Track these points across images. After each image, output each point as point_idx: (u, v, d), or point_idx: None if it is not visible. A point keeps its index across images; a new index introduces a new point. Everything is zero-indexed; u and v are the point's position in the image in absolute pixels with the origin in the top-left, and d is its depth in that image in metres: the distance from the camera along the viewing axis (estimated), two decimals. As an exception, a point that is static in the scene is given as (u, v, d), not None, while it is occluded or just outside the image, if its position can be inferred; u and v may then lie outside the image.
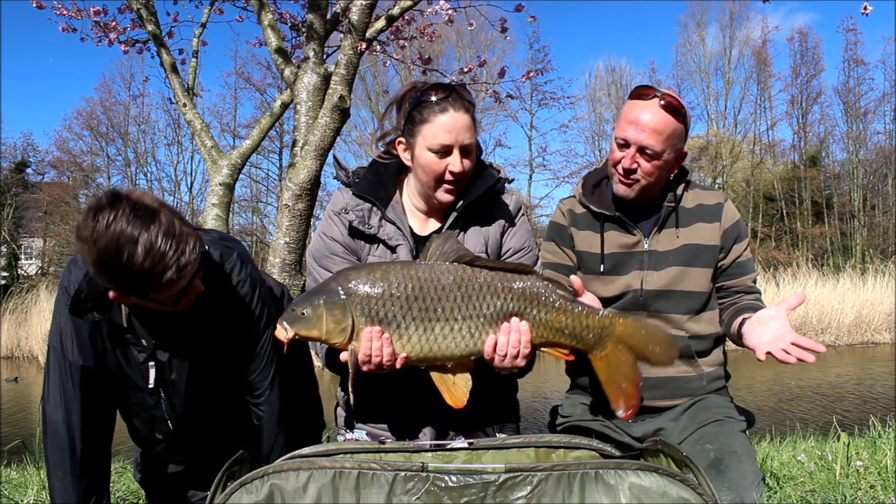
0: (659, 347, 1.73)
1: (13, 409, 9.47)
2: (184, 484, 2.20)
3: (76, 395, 1.88)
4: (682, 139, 2.19)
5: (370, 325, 1.63)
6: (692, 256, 2.22)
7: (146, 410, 1.99)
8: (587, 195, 2.32)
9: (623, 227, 2.26)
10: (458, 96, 1.90)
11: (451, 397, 1.67)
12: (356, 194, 2.00)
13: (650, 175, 2.15)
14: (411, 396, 1.91)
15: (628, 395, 1.74)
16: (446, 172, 1.88)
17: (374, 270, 1.66)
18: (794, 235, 29.87)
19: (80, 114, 29.83)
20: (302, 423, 2.22)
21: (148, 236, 1.59)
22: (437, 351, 1.65)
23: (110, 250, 1.58)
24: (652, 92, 2.14)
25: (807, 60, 31.53)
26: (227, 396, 2.02)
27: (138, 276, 1.61)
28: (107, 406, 1.97)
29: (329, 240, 1.98)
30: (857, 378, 10.62)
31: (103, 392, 1.93)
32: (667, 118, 2.11)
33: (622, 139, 2.15)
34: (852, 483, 2.70)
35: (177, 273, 1.63)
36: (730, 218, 2.26)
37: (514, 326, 1.68)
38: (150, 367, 1.91)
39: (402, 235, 1.96)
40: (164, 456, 2.15)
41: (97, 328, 1.87)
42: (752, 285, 2.30)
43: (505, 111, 28.57)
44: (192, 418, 2.01)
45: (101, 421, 1.95)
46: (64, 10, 5.02)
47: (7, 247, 26.94)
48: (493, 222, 2.04)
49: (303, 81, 4.10)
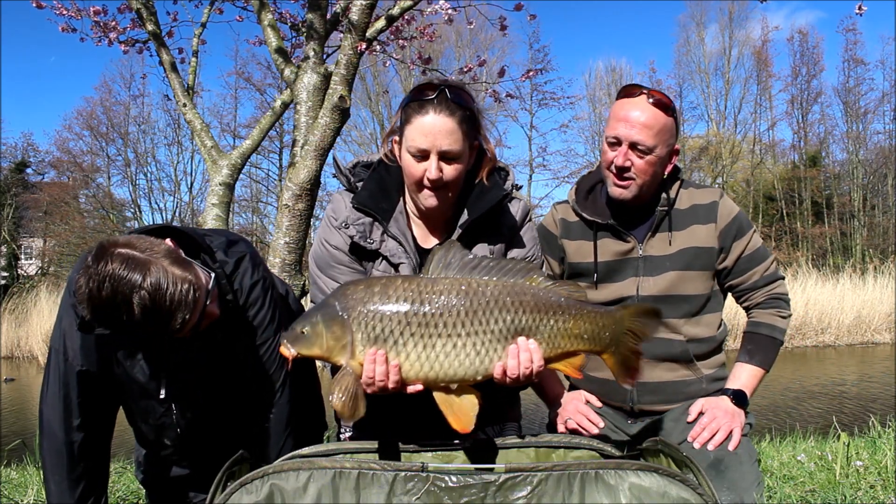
0: (652, 321, 1.74)
1: (13, 409, 9.46)
2: (187, 486, 2.20)
3: (75, 398, 1.86)
4: (674, 134, 2.18)
5: (370, 344, 1.54)
6: (689, 260, 2.19)
7: (155, 418, 1.97)
8: (580, 202, 2.30)
9: (616, 235, 2.23)
10: (445, 98, 1.77)
11: (457, 422, 1.58)
12: (356, 207, 1.90)
13: (644, 173, 2.13)
14: (411, 397, 1.89)
15: (633, 368, 1.74)
16: (424, 178, 1.79)
17: (373, 285, 1.57)
18: (794, 235, 29.86)
19: (80, 114, 29.81)
20: (305, 425, 2.22)
21: (145, 293, 1.56)
22: (440, 370, 1.55)
23: (110, 304, 1.56)
24: (639, 90, 2.15)
25: (807, 60, 31.55)
26: (237, 400, 2.01)
27: (144, 327, 1.59)
28: (106, 410, 1.96)
29: (333, 248, 1.91)
30: (857, 378, 10.62)
31: (103, 396, 1.92)
32: (656, 113, 2.10)
33: (613, 137, 2.14)
34: (852, 483, 2.70)
35: (184, 319, 1.61)
36: (726, 216, 2.22)
37: (522, 346, 1.58)
38: (161, 378, 1.88)
39: (404, 252, 1.88)
40: (171, 460, 2.13)
41: (105, 336, 1.85)
42: (768, 275, 2.25)
43: (505, 111, 28.56)
44: (202, 425, 2.00)
45: (100, 424, 1.94)
46: (64, 10, 5.01)
47: (7, 247, 26.93)
48: (499, 235, 1.95)
49: (303, 81, 4.10)
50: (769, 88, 31.61)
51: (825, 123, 31.83)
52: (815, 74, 31.48)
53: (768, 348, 2.24)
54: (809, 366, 11.81)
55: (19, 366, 14.50)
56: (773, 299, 2.26)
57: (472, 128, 1.84)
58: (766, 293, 2.25)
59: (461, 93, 1.82)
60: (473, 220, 1.88)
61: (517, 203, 2.00)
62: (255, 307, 1.92)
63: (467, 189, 1.91)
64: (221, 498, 1.52)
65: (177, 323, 1.61)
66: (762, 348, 2.24)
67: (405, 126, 1.81)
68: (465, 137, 1.80)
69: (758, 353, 2.24)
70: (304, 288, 4.09)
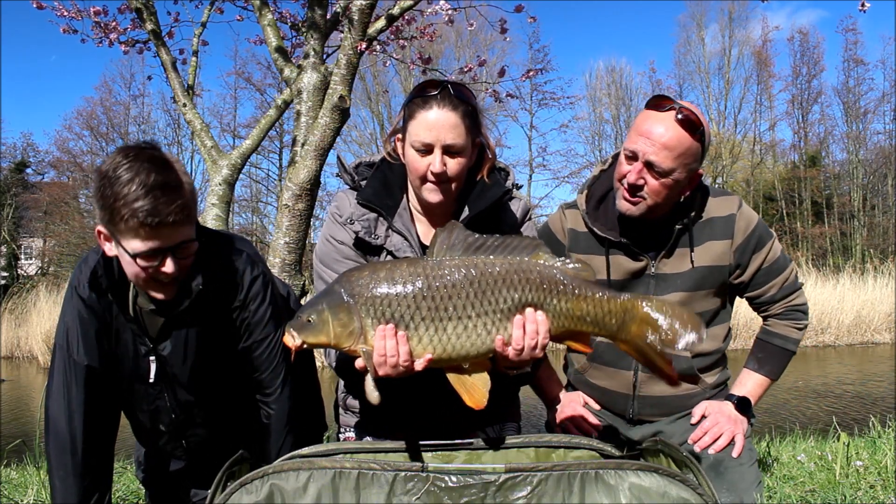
0: (681, 324, 1.60)
1: (13, 409, 9.46)
2: (186, 482, 2.20)
3: (79, 394, 1.87)
4: (698, 159, 2.01)
5: (380, 325, 1.54)
6: (702, 279, 2.11)
7: (150, 402, 1.99)
8: (591, 212, 2.19)
9: (629, 253, 2.14)
10: (448, 94, 1.80)
11: (470, 398, 1.57)
12: (361, 203, 1.93)
13: (657, 195, 2.00)
14: (411, 396, 1.89)
15: (662, 371, 1.63)
16: (428, 172, 1.81)
17: (378, 269, 1.57)
18: (794, 235, 29.85)
19: (80, 114, 29.82)
20: (305, 423, 2.22)
21: (157, 156, 1.68)
22: (452, 351, 1.55)
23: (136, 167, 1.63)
24: (669, 103, 1.99)
25: (807, 60, 31.55)
26: (233, 391, 2.02)
27: (153, 197, 1.62)
28: (110, 406, 1.97)
29: (338, 243, 1.93)
30: (857, 378, 10.61)
31: (107, 392, 1.93)
32: (681, 134, 1.95)
33: (631, 151, 2.01)
34: (852, 483, 2.69)
35: (182, 207, 1.66)
36: (743, 230, 2.12)
37: (529, 317, 1.56)
38: (152, 361, 1.90)
39: (409, 247, 1.90)
40: (167, 450, 2.14)
41: (104, 326, 1.88)
42: (787, 286, 2.17)
43: (505, 111, 28.54)
44: (196, 410, 2.01)
45: (104, 421, 1.95)
46: (65, 12, 5.01)
47: (7, 247, 26.92)
48: (500, 232, 1.95)
49: (303, 81, 4.10)
50: (769, 88, 31.64)
51: (825, 123, 31.86)
52: (816, 74, 31.52)
53: (778, 359, 2.20)
54: (809, 366, 11.81)
55: (19, 366, 14.49)
56: (791, 311, 2.20)
57: (475, 124, 1.86)
58: (784, 305, 2.20)
59: (463, 90, 1.86)
60: (474, 215, 1.90)
61: (517, 202, 2.02)
62: (256, 302, 1.93)
63: (469, 186, 1.93)
64: (221, 498, 1.52)
65: (177, 205, 1.64)
66: (772, 358, 2.20)
67: (409, 122, 1.84)
68: (468, 133, 1.83)
69: (767, 363, 2.20)
70: (305, 288, 4.10)
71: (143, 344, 1.89)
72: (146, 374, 1.92)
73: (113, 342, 1.90)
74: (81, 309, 1.87)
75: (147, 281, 1.73)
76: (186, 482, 2.20)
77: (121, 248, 1.68)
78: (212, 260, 1.86)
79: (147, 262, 1.68)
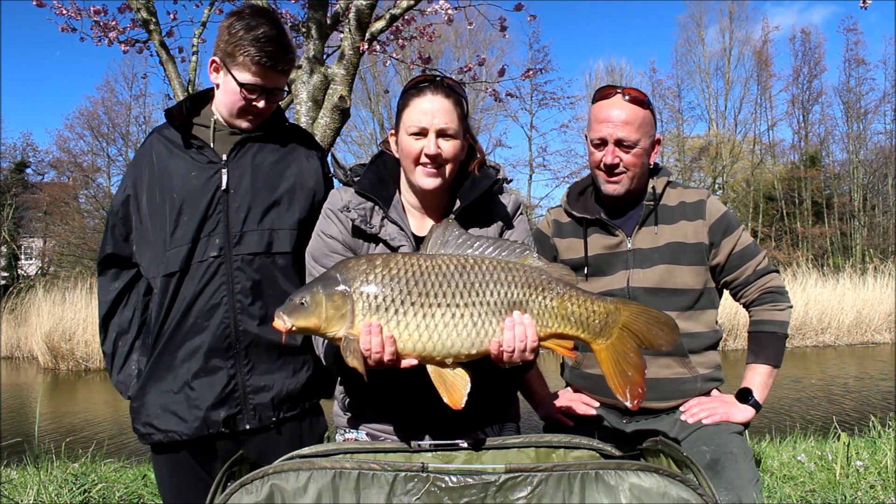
0: (662, 331, 1.70)
1: (13, 409, 9.46)
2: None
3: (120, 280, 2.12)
4: (653, 125, 2.30)
5: (371, 314, 1.59)
6: (677, 254, 2.24)
7: (203, 219, 2.02)
8: (572, 203, 2.40)
9: (605, 229, 2.30)
10: (440, 83, 1.88)
11: (449, 398, 1.63)
12: (358, 192, 1.98)
13: (634, 165, 2.24)
14: (411, 396, 1.90)
15: (634, 383, 1.69)
16: (422, 154, 1.86)
17: (374, 259, 1.65)
18: (794, 235, 29.89)
19: (81, 113, 29.90)
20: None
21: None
22: (438, 341, 1.61)
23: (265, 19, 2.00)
24: (614, 90, 2.28)
25: (808, 60, 31.58)
26: (289, 259, 2.07)
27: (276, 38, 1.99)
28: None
29: (328, 238, 1.96)
30: (857, 378, 10.62)
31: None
32: (634, 109, 2.22)
33: (598, 139, 2.25)
34: (852, 483, 2.70)
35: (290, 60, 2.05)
36: (714, 213, 2.28)
37: (517, 320, 1.64)
38: (223, 172, 2.03)
39: (404, 236, 1.94)
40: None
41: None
42: (761, 269, 2.29)
43: (505, 111, 28.59)
44: (249, 241, 2.03)
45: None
46: (64, 10, 5.01)
47: (7, 247, 26.95)
48: (491, 224, 2.02)
49: (303, 81, 4.10)
50: (769, 88, 31.69)
51: (825, 123, 31.91)
52: (817, 74, 31.60)
53: (771, 343, 2.27)
54: (809, 366, 11.81)
55: (19, 366, 14.50)
56: (768, 293, 2.30)
57: (465, 116, 1.92)
58: (760, 288, 2.30)
59: (454, 83, 1.93)
60: (466, 206, 1.94)
61: (508, 196, 2.08)
62: (315, 167, 2.17)
63: (460, 181, 1.98)
64: (221, 498, 1.52)
65: (286, 59, 2.01)
66: (765, 345, 2.28)
67: (402, 112, 1.90)
68: (460, 120, 1.90)
69: (762, 351, 2.27)
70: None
71: (212, 161, 2.03)
72: (215, 186, 2.01)
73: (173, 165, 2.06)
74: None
75: (241, 110, 2.05)
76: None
77: (230, 75, 2.01)
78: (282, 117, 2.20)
79: (248, 93, 2.01)
